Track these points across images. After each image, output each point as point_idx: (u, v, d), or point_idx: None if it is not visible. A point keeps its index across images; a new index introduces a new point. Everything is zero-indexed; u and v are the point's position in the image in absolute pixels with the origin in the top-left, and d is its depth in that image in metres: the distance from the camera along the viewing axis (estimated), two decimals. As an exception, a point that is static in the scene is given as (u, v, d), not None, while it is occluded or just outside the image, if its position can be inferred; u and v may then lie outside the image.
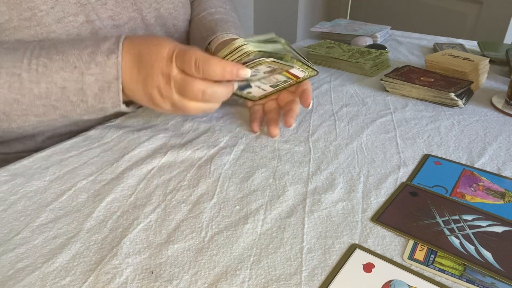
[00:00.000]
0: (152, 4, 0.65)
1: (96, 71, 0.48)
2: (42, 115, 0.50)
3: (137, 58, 0.49)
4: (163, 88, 0.48)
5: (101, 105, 0.50)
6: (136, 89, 0.50)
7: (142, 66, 0.49)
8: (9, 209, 0.43)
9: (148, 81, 0.49)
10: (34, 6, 0.51)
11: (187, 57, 0.46)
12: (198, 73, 0.46)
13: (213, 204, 0.44)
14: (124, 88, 0.50)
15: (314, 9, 2.65)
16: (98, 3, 0.57)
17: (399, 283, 0.34)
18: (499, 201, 0.45)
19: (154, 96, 0.49)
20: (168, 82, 0.48)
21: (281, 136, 0.58)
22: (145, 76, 0.49)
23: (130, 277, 0.35)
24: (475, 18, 1.78)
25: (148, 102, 0.50)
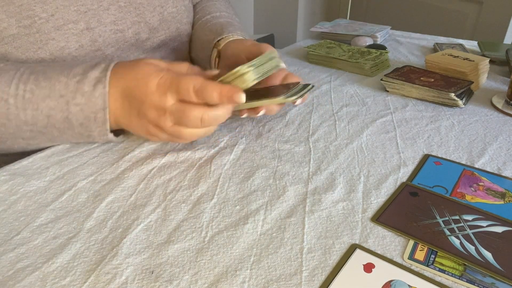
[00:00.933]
0: (156, 8, 0.65)
1: (82, 101, 0.48)
2: (30, 139, 0.50)
3: (126, 93, 0.49)
4: (159, 121, 0.48)
5: (87, 133, 0.50)
6: (130, 122, 0.50)
7: (133, 101, 0.48)
8: (9, 209, 0.43)
9: (142, 117, 0.48)
10: (33, 14, 0.51)
11: (182, 85, 0.45)
12: (198, 99, 0.46)
13: (213, 204, 0.44)
14: (116, 119, 0.50)
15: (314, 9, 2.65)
16: (100, 8, 0.57)
17: (399, 283, 0.34)
18: (499, 201, 0.45)
19: (150, 130, 0.49)
20: (163, 115, 0.47)
21: (281, 136, 0.58)
22: (137, 111, 0.48)
23: (130, 277, 0.35)
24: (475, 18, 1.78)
25: (145, 135, 0.51)
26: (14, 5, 0.50)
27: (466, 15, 1.82)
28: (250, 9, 2.71)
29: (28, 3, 0.51)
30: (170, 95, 0.46)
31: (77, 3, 0.55)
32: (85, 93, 0.48)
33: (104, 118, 0.49)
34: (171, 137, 0.50)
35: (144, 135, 0.51)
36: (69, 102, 0.48)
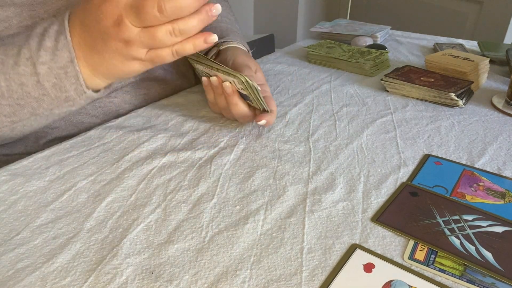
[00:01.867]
0: None
1: (47, 58, 0.45)
2: (12, 115, 0.47)
3: (82, 26, 0.45)
4: (120, 32, 0.42)
5: (64, 94, 0.47)
6: (98, 59, 0.45)
7: (89, 27, 0.44)
8: (9, 209, 0.43)
9: (103, 36, 0.43)
10: (35, 15, 0.51)
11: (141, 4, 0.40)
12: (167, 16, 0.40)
13: (214, 204, 0.44)
14: (89, 64, 0.46)
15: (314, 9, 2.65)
16: None
17: (399, 283, 0.34)
18: (499, 201, 0.45)
19: (118, 48, 0.44)
20: (121, 23, 0.41)
21: (281, 136, 0.58)
22: (97, 34, 0.44)
23: (130, 277, 0.35)
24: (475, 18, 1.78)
25: (119, 64, 0.45)
26: (15, 5, 0.50)
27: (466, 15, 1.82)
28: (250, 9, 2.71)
29: (30, 3, 0.51)
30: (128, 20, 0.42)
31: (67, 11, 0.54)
32: (48, 48, 0.45)
33: (75, 70, 0.45)
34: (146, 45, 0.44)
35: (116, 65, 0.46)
36: (35, 63, 0.45)
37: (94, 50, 0.45)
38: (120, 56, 0.45)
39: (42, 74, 0.45)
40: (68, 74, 0.46)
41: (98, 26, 0.43)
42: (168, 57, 0.45)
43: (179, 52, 0.45)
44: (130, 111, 0.65)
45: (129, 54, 0.44)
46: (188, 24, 0.42)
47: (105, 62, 0.46)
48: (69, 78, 0.46)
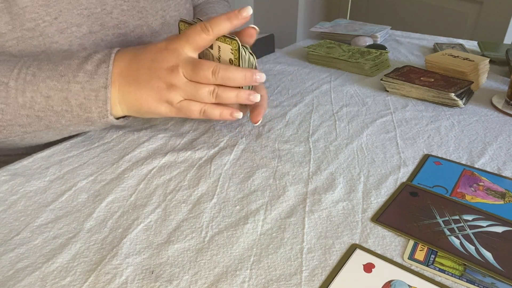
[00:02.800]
0: (158, 12, 0.65)
1: (83, 79, 0.47)
2: (27, 125, 0.49)
3: (133, 60, 0.48)
4: (170, 76, 0.47)
5: (86, 114, 0.49)
6: (134, 90, 0.48)
7: (141, 62, 0.48)
8: (9, 209, 0.43)
9: (151, 74, 0.47)
10: (37, 17, 0.51)
11: (199, 64, 0.46)
12: (216, 79, 0.47)
13: (213, 204, 0.44)
14: (117, 97, 0.49)
15: (314, 9, 2.65)
16: (103, 12, 0.57)
17: (399, 283, 0.34)
18: (499, 201, 0.45)
19: (159, 88, 0.48)
20: (175, 70, 0.47)
21: (281, 136, 0.58)
22: (146, 70, 0.48)
23: (130, 277, 0.35)
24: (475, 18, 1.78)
25: (152, 100, 0.49)
26: (18, 7, 0.50)
27: (466, 15, 1.82)
28: (250, 9, 2.71)
29: (32, 6, 0.51)
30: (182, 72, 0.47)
31: (80, 7, 0.55)
32: (87, 71, 0.47)
33: (106, 96, 0.47)
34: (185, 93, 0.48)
35: (150, 102, 0.49)
36: (70, 81, 0.47)
37: (134, 81, 0.48)
38: (157, 94, 0.48)
39: (73, 91, 0.47)
40: (98, 98, 0.48)
41: (151, 64, 0.48)
42: (195, 113, 0.50)
43: (206, 113, 0.50)
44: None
45: (166, 96, 0.48)
46: (227, 94, 0.48)
47: (139, 93, 0.49)
48: (98, 101, 0.48)
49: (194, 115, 0.50)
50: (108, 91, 0.47)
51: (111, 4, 0.58)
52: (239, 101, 0.50)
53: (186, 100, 0.49)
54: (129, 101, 0.50)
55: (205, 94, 0.48)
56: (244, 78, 0.48)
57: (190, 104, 0.49)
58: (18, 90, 0.46)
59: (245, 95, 0.49)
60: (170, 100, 0.49)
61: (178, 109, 0.49)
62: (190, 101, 0.49)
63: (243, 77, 0.48)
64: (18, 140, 0.51)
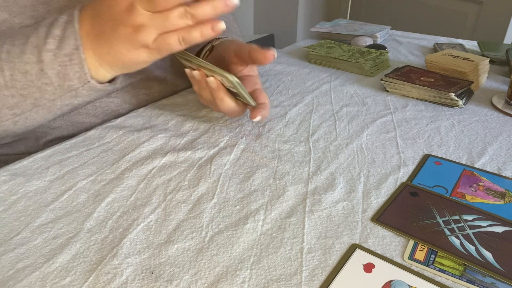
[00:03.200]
0: None
1: (53, 46, 0.45)
2: (15, 107, 0.47)
3: (94, 15, 0.45)
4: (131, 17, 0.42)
5: (67, 83, 0.46)
6: (107, 47, 0.45)
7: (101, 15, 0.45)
8: (9, 209, 0.43)
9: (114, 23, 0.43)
10: (37, 15, 0.51)
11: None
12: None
13: (213, 204, 0.44)
14: (96, 60, 0.46)
15: (314, 9, 2.65)
16: None
17: (399, 283, 0.34)
18: (499, 201, 0.45)
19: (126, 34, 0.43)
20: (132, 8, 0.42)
21: (281, 136, 0.58)
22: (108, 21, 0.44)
23: (130, 277, 0.35)
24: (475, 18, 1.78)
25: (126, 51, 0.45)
26: (18, 5, 0.50)
27: (466, 15, 1.82)
28: (250, 9, 2.71)
29: (32, 3, 0.51)
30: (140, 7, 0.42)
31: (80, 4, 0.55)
32: (56, 36, 0.45)
33: (80, 58, 0.45)
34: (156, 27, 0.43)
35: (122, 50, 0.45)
36: (41, 50, 0.45)
37: (102, 38, 0.45)
38: (128, 43, 0.44)
39: (46, 61, 0.45)
40: (72, 61, 0.45)
41: (110, 12, 0.44)
42: (175, 45, 0.44)
43: (186, 39, 0.44)
44: (130, 111, 0.65)
45: (138, 40, 0.44)
46: (202, 8, 0.42)
47: (112, 50, 0.45)
48: (73, 66, 0.45)
49: (174, 47, 0.45)
50: (81, 52, 0.45)
51: None
52: (218, 11, 0.43)
53: (160, 35, 0.44)
54: (108, 60, 0.47)
55: (177, 19, 0.43)
56: None
57: (164, 38, 0.44)
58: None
59: (222, 2, 0.43)
60: (144, 43, 0.44)
61: (157, 50, 0.45)
62: (164, 35, 0.44)
63: None
64: (11, 125, 0.50)
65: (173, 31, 0.44)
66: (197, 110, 0.65)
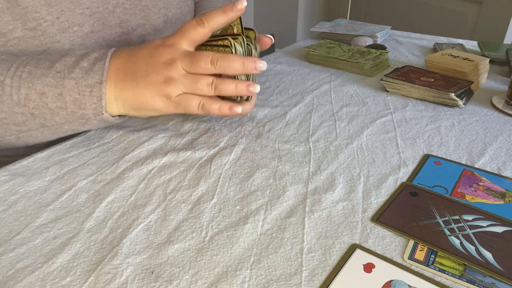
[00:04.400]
0: (160, 10, 0.65)
1: (78, 75, 0.46)
2: (22, 124, 0.48)
3: (130, 57, 0.48)
4: (168, 70, 0.47)
5: (81, 111, 0.48)
6: (131, 85, 0.48)
7: (138, 59, 0.48)
8: (9, 209, 0.43)
9: (149, 69, 0.47)
10: (39, 17, 0.51)
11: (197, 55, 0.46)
12: (215, 68, 0.47)
13: (213, 204, 0.44)
14: (114, 92, 0.48)
15: (314, 9, 2.65)
16: (106, 11, 0.57)
17: (399, 283, 0.34)
18: (499, 201, 0.45)
19: (157, 82, 0.47)
20: (172, 63, 0.47)
21: (281, 136, 0.58)
22: (144, 66, 0.47)
23: (130, 277, 0.35)
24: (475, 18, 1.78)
25: (149, 95, 0.48)
26: (19, 7, 0.50)
27: (466, 15, 1.82)
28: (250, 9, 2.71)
29: (34, 5, 0.51)
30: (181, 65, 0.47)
31: (82, 6, 0.55)
32: (83, 68, 0.47)
33: (100, 92, 0.47)
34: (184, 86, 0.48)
35: (148, 97, 0.48)
36: (65, 77, 0.46)
37: (131, 77, 0.48)
38: (155, 88, 0.48)
39: (67, 87, 0.47)
40: (92, 93, 0.47)
41: (149, 60, 0.48)
42: (194, 107, 0.49)
43: (204, 106, 0.49)
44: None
45: (164, 89, 0.48)
46: (226, 85, 0.48)
47: (136, 89, 0.48)
48: (92, 97, 0.47)
49: (192, 109, 0.49)
50: (103, 86, 0.47)
51: (113, 3, 0.58)
52: (239, 92, 0.49)
53: (184, 94, 0.48)
54: (125, 97, 0.49)
55: (204, 86, 0.48)
56: (243, 65, 0.48)
57: (188, 97, 0.48)
58: (13, 87, 0.46)
59: (244, 86, 0.49)
60: (168, 94, 0.48)
61: (176, 103, 0.49)
62: (188, 94, 0.48)
63: (241, 64, 0.48)
64: (13, 140, 0.51)
65: (197, 94, 0.49)
66: (197, 110, 0.65)
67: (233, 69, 0.48)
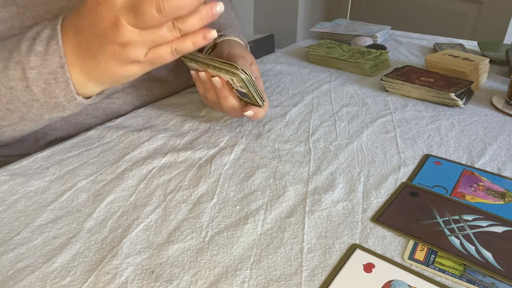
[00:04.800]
0: None
1: (36, 63, 0.44)
2: (1, 119, 0.47)
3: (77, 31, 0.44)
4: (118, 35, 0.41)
5: (53, 100, 0.46)
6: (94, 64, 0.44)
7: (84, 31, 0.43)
8: (9, 209, 0.43)
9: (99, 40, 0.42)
10: (37, 15, 0.51)
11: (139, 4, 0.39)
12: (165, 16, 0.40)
13: (213, 204, 0.44)
14: (84, 77, 0.45)
15: (314, 9, 2.65)
16: None
17: (399, 283, 0.34)
18: (499, 201, 0.45)
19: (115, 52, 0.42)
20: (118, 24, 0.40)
21: (281, 136, 0.58)
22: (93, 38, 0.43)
23: (130, 277, 0.35)
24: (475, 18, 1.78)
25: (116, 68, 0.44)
26: (17, 6, 0.50)
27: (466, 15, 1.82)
28: (250, 9, 2.71)
29: (32, 4, 0.51)
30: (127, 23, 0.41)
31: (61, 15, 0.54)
32: (38, 52, 0.44)
33: (65, 76, 0.44)
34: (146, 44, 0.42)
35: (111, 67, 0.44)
36: (24, 67, 0.44)
37: (89, 55, 0.44)
38: (117, 60, 0.43)
39: (31, 79, 0.44)
40: (58, 80, 0.45)
41: (94, 29, 0.42)
42: (168, 56, 0.44)
43: (178, 49, 0.43)
44: (130, 112, 0.65)
45: (127, 56, 0.43)
46: (189, 21, 0.42)
47: (101, 67, 0.44)
48: (59, 84, 0.45)
49: (167, 58, 0.44)
50: (66, 70, 0.44)
51: None
52: (204, 21, 0.42)
53: (151, 49, 0.43)
54: (96, 76, 0.46)
55: (167, 33, 0.42)
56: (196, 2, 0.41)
57: (157, 51, 0.43)
58: None
59: (206, 11, 0.42)
60: (135, 59, 0.43)
61: (149, 63, 0.44)
62: (155, 48, 0.43)
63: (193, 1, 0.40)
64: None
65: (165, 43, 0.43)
66: (197, 110, 0.65)
67: (184, 7, 0.40)
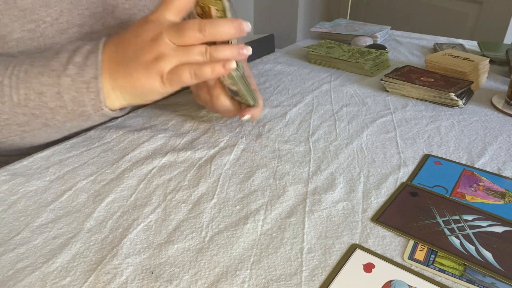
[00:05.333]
0: None
1: (73, 72, 0.46)
2: (25, 124, 0.48)
3: (119, 43, 0.46)
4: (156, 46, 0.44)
5: (81, 108, 0.47)
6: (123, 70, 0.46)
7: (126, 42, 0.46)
8: (9, 209, 0.43)
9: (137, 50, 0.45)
10: (38, 18, 0.51)
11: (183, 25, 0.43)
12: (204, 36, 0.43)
13: (213, 204, 0.44)
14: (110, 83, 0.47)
15: (314, 9, 2.65)
16: (105, 12, 0.57)
17: (399, 283, 0.34)
18: (499, 201, 0.45)
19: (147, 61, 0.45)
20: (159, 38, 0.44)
21: (281, 136, 0.58)
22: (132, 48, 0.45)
23: (130, 277, 0.35)
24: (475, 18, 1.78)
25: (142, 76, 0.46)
26: (18, 9, 0.50)
27: (466, 15, 1.82)
28: (250, 9, 2.71)
29: (33, 7, 0.51)
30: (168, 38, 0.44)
31: (81, 7, 0.54)
32: (76, 63, 0.46)
33: (97, 87, 0.46)
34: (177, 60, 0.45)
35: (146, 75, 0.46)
36: (60, 75, 0.46)
37: (122, 62, 0.46)
38: (145, 68, 0.45)
39: (64, 86, 0.46)
40: (89, 89, 0.46)
41: (135, 40, 0.45)
42: (186, 77, 0.45)
43: (197, 74, 0.45)
44: (130, 112, 0.65)
45: (156, 67, 0.45)
46: (222, 53, 0.45)
47: (129, 74, 0.46)
48: (90, 93, 0.46)
49: (185, 79, 0.45)
50: (99, 81, 0.46)
51: (112, 3, 0.58)
52: (235, 57, 0.46)
53: (175, 67, 0.45)
54: (121, 84, 0.47)
55: (197, 55, 0.45)
56: (233, 27, 0.44)
57: (178, 70, 0.45)
58: (12, 88, 0.46)
59: (236, 49, 0.45)
60: (160, 70, 0.45)
61: (169, 81, 0.46)
62: (178, 67, 0.45)
63: (231, 27, 0.44)
64: (18, 140, 0.50)
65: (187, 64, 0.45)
66: (197, 110, 0.65)
67: (223, 34, 0.44)
